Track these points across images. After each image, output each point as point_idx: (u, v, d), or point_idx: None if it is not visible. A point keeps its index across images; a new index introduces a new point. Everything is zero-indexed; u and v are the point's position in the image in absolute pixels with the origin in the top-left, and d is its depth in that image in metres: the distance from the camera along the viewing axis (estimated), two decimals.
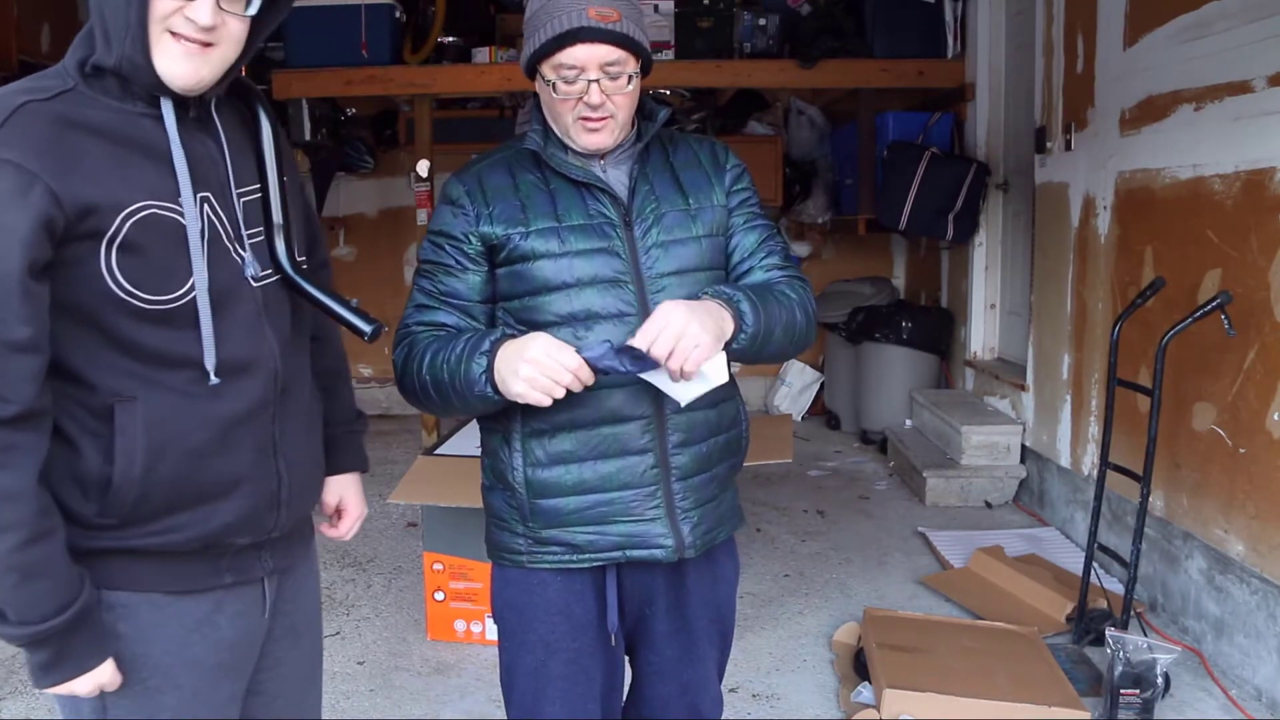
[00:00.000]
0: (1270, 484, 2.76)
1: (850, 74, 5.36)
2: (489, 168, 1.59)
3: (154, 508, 1.27)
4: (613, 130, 1.52)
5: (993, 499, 4.56)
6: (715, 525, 1.64)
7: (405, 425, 6.40)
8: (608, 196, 1.54)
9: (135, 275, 1.21)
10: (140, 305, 1.22)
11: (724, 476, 1.65)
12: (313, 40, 5.23)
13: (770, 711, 2.76)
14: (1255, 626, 2.81)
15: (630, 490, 1.55)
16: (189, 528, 1.30)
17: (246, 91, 1.38)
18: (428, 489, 3.08)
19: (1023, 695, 2.57)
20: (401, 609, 3.45)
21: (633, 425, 1.53)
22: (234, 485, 1.32)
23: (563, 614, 1.61)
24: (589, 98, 1.48)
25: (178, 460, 1.27)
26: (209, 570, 1.35)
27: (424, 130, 5.50)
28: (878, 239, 6.38)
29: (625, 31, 1.47)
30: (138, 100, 1.24)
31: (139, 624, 1.30)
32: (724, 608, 1.73)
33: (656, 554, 1.56)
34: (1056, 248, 4.16)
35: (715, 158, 1.66)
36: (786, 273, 1.64)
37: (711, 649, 1.72)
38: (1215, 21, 3.02)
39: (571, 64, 1.47)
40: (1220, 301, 2.76)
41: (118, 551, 1.29)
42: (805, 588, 3.62)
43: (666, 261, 1.54)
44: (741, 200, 1.65)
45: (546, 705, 1.63)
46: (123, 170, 1.21)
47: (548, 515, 1.57)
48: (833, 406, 6.26)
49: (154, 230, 1.22)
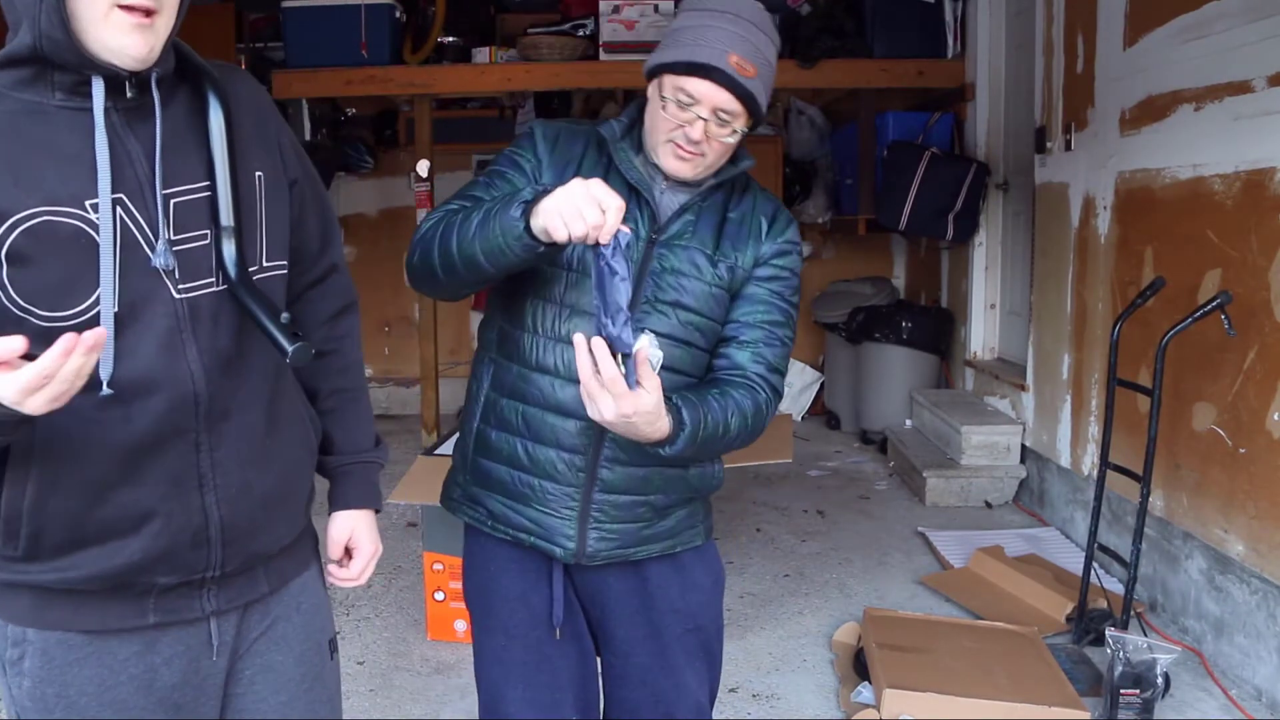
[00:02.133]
0: (1270, 484, 2.76)
1: (850, 74, 5.36)
2: (572, 132, 1.60)
3: (54, 543, 1.18)
4: (697, 167, 1.53)
5: (993, 499, 4.56)
6: (636, 544, 1.60)
7: (405, 425, 6.40)
8: (649, 210, 1.55)
9: (29, 289, 1.10)
10: (39, 323, 1.10)
11: (663, 506, 1.61)
12: (313, 40, 5.23)
13: (770, 711, 2.76)
14: (1255, 626, 2.81)
15: (551, 483, 1.55)
16: (91, 564, 1.20)
17: (197, 73, 1.22)
18: (428, 489, 3.08)
19: (1023, 695, 2.57)
20: (401, 609, 3.45)
21: (572, 423, 1.52)
22: (141, 520, 1.20)
23: (521, 601, 1.64)
24: (691, 131, 1.49)
25: (73, 492, 1.17)
26: (131, 610, 1.24)
27: (424, 130, 5.50)
28: (878, 239, 6.38)
29: (752, 90, 1.48)
30: (55, 90, 1.12)
31: (50, 664, 1.22)
32: (702, 617, 1.69)
33: (555, 550, 1.57)
34: (1056, 248, 4.16)
35: (772, 224, 1.62)
36: (771, 378, 1.57)
37: (691, 659, 1.68)
38: (1215, 21, 3.02)
39: (692, 94, 1.48)
40: (1220, 301, 2.76)
41: (25, 586, 1.21)
42: (805, 588, 3.62)
43: (669, 291, 1.54)
44: (773, 275, 1.60)
45: (509, 690, 1.65)
46: (15, 173, 1.09)
47: (479, 474, 1.62)
48: (833, 406, 6.26)
49: (50, 239, 1.10)
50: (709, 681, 1.74)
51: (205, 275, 1.20)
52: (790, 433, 3.64)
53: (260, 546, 1.32)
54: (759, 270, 1.60)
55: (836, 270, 6.55)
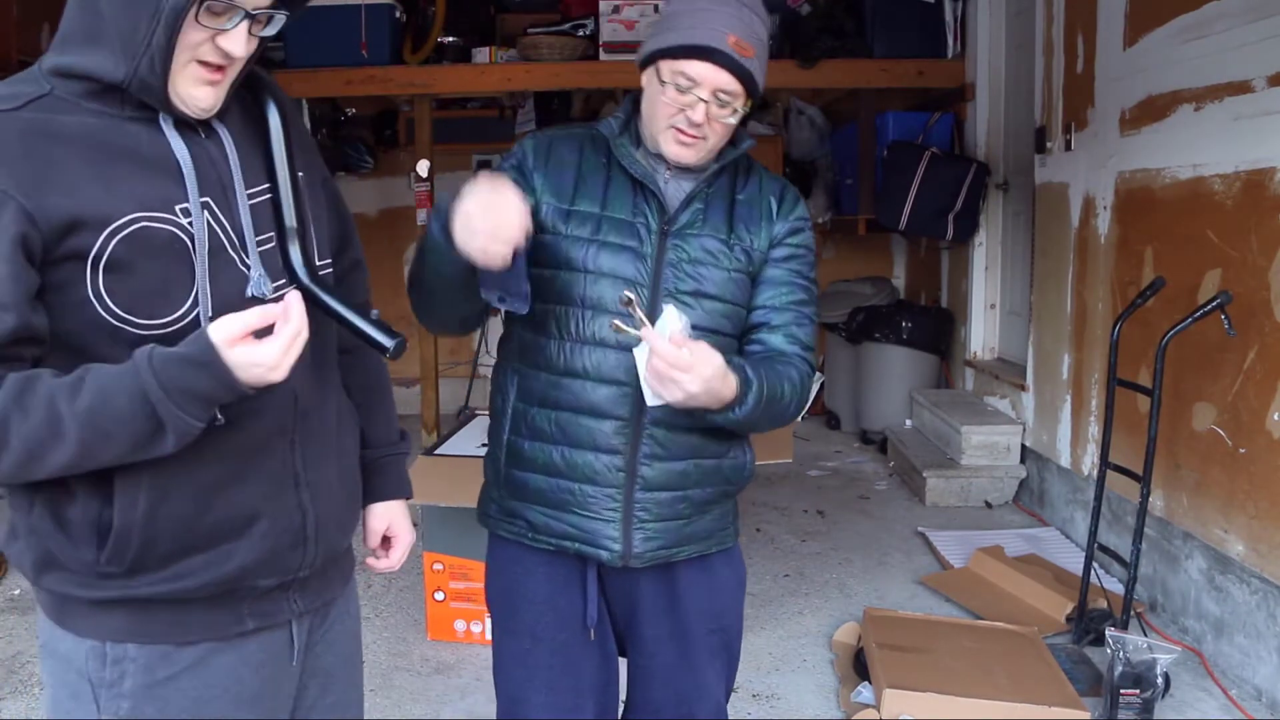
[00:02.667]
0: (1270, 484, 2.76)
1: (850, 74, 5.36)
2: (563, 139, 1.61)
3: (163, 552, 1.16)
4: (700, 151, 1.53)
5: (993, 499, 4.56)
6: (678, 543, 1.60)
7: (405, 425, 6.36)
8: (656, 202, 1.55)
9: (127, 298, 1.09)
10: (135, 332, 1.10)
11: (702, 500, 1.61)
12: (313, 40, 5.22)
13: (770, 711, 2.76)
14: (1255, 626, 2.81)
15: (592, 486, 1.54)
16: (202, 572, 1.18)
17: (253, 81, 1.26)
18: (428, 489, 3.08)
19: (1023, 695, 2.57)
20: (401, 609, 3.45)
21: (608, 424, 1.53)
22: (250, 522, 1.20)
23: (548, 604, 1.62)
24: (693, 114, 1.49)
25: (185, 498, 1.16)
26: (229, 617, 1.23)
27: (424, 130, 5.50)
28: (878, 239, 6.38)
29: (751, 70, 1.49)
30: (125, 105, 1.13)
31: (151, 679, 1.19)
32: (725, 617, 1.70)
33: (601, 555, 1.56)
34: (1056, 248, 4.16)
35: (780, 203, 1.62)
36: (805, 355, 1.60)
37: (712, 659, 1.70)
38: (1215, 21, 3.02)
39: (691, 76, 1.48)
40: (1220, 301, 2.76)
41: (125, 601, 1.17)
42: (805, 588, 3.62)
43: (688, 280, 1.54)
44: (789, 255, 1.61)
45: (532, 693, 1.64)
46: (106, 181, 1.09)
47: (515, 486, 1.59)
48: (833, 406, 6.26)
49: (145, 246, 1.10)
50: (726, 679, 1.75)
51: (279, 276, 1.22)
52: (790, 433, 3.63)
53: (339, 543, 1.34)
54: (775, 251, 1.60)
55: (836, 270, 6.55)
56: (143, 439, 1.07)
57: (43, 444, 1.05)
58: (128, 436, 1.06)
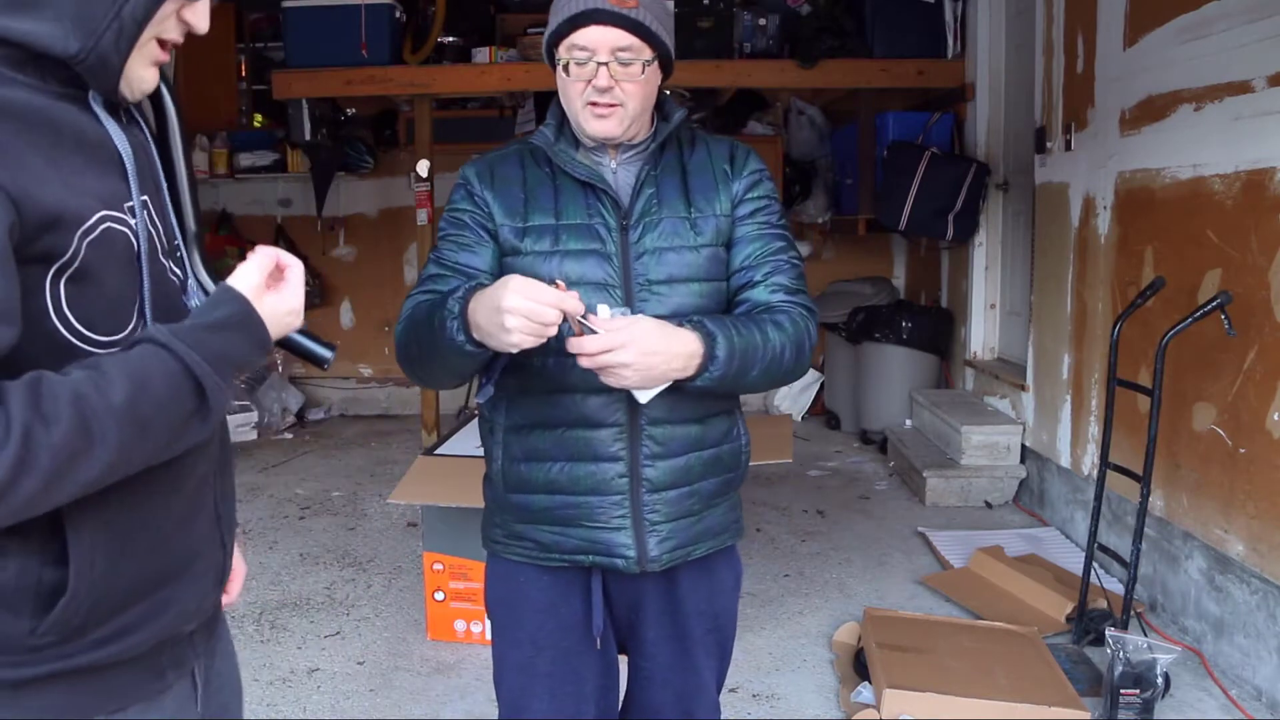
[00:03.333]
0: (1270, 484, 2.76)
1: (850, 74, 5.36)
2: (501, 158, 1.60)
3: (108, 610, 0.98)
4: (622, 120, 1.50)
5: (993, 499, 4.56)
6: (691, 541, 1.59)
7: (405, 425, 6.40)
8: (609, 199, 1.53)
9: (88, 311, 0.93)
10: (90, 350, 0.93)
11: (709, 493, 1.60)
12: (313, 40, 5.23)
13: (770, 711, 2.76)
14: (1255, 626, 2.81)
15: (597, 496, 1.53)
16: (142, 626, 1.01)
17: None
18: (428, 489, 3.08)
19: (1023, 695, 2.57)
20: (401, 609, 3.45)
21: (604, 431, 1.51)
22: (190, 562, 1.05)
23: (549, 612, 1.61)
24: (597, 80, 1.47)
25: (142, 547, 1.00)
26: (151, 673, 1.05)
27: (424, 130, 5.50)
28: (878, 239, 6.38)
29: (640, 19, 1.47)
30: (52, 80, 0.96)
31: None
32: (722, 617, 1.70)
33: (617, 563, 1.54)
34: (1056, 248, 4.16)
35: (732, 163, 1.60)
36: (794, 299, 1.56)
37: (709, 658, 1.70)
38: (1215, 21, 3.02)
39: (584, 45, 1.47)
40: (1220, 301, 2.76)
41: (55, 676, 0.97)
42: (805, 588, 3.62)
43: (659, 269, 1.51)
44: (754, 209, 1.58)
45: (534, 701, 1.63)
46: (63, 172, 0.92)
47: (519, 510, 1.58)
48: (833, 406, 6.26)
49: (107, 250, 0.94)
50: (719, 674, 1.75)
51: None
52: (790, 433, 3.63)
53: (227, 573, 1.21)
54: (739, 210, 1.58)
55: (836, 270, 6.56)
56: (179, 425, 0.93)
57: (75, 455, 0.86)
58: (166, 426, 0.92)
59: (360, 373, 6.96)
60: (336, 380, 6.91)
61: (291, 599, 3.56)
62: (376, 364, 6.92)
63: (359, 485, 5.00)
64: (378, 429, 6.42)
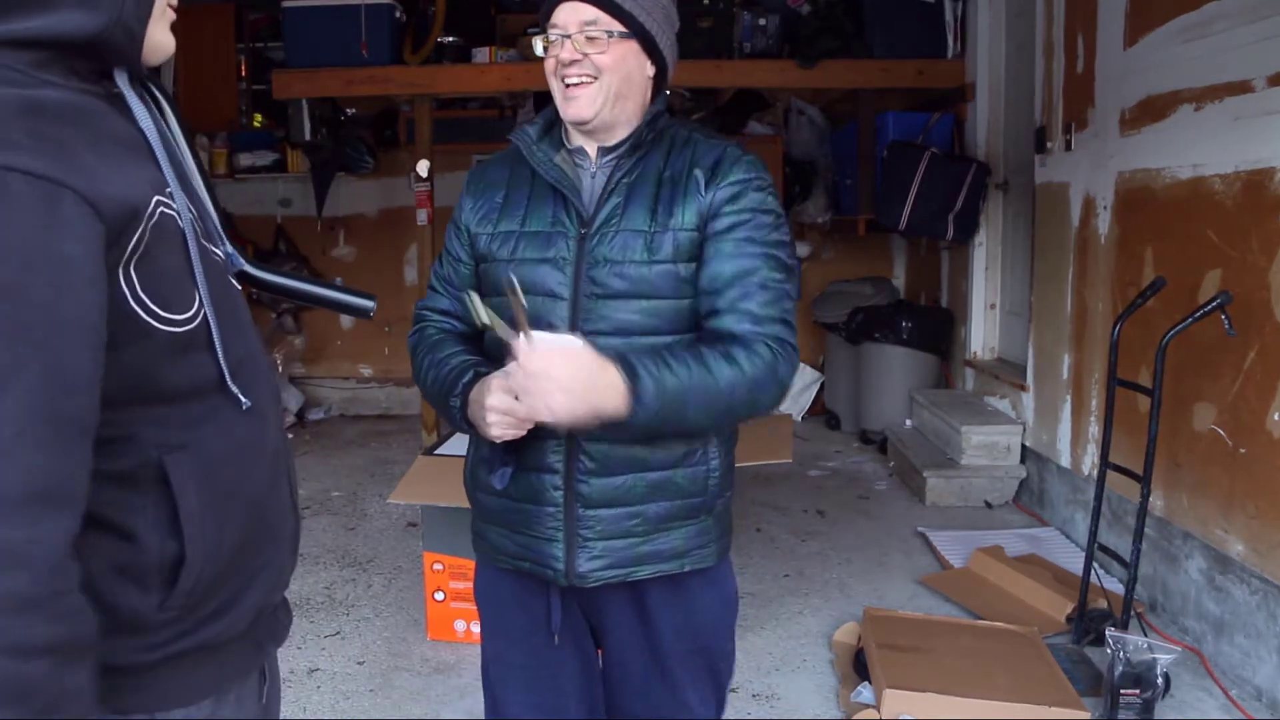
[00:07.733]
0: (1270, 484, 2.76)
1: (850, 74, 5.36)
2: (495, 161, 1.61)
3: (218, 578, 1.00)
4: (593, 100, 1.47)
5: (993, 499, 4.56)
6: (633, 563, 1.52)
7: (405, 425, 6.40)
8: (574, 210, 1.50)
9: (160, 290, 0.94)
10: (168, 330, 0.95)
11: (659, 516, 1.52)
12: (313, 40, 5.23)
13: (770, 711, 2.76)
14: (1255, 626, 2.81)
15: (535, 505, 1.53)
16: (245, 595, 1.03)
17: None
18: (428, 489, 3.08)
19: (1023, 695, 2.57)
20: (401, 609, 3.45)
21: (546, 443, 1.49)
22: (277, 528, 1.07)
23: (521, 607, 1.64)
24: (562, 54, 1.47)
25: (243, 512, 1.02)
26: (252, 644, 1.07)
27: (424, 130, 5.50)
28: (878, 239, 6.38)
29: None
30: (72, 76, 0.96)
31: None
32: (705, 637, 1.62)
33: (547, 573, 1.54)
34: (1056, 248, 4.16)
35: (714, 171, 1.48)
36: (761, 329, 1.43)
37: (693, 678, 1.63)
38: (1215, 22, 3.02)
39: (557, 24, 1.48)
40: (1220, 301, 2.76)
41: (175, 657, 0.98)
42: (805, 588, 3.62)
43: (611, 282, 1.46)
44: (731, 224, 1.46)
45: (512, 692, 1.66)
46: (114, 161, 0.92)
47: (480, 509, 1.64)
48: (833, 406, 6.26)
49: (164, 233, 0.95)
50: (715, 704, 1.69)
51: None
52: (790, 433, 3.63)
53: None
54: (714, 224, 1.46)
55: (836, 270, 6.56)
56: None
57: None
58: None
59: (360, 373, 6.96)
60: (336, 380, 6.92)
61: (291, 599, 3.53)
62: (376, 364, 6.92)
63: (359, 485, 5.00)
64: (378, 429, 6.42)
